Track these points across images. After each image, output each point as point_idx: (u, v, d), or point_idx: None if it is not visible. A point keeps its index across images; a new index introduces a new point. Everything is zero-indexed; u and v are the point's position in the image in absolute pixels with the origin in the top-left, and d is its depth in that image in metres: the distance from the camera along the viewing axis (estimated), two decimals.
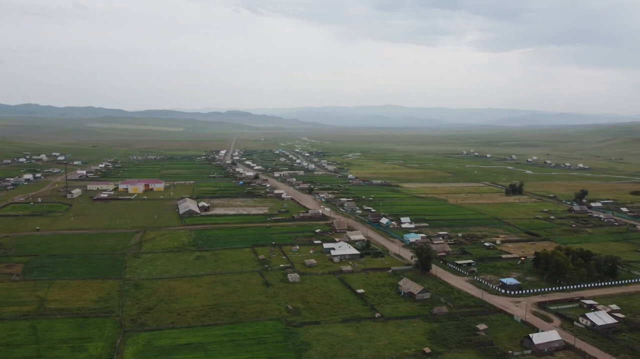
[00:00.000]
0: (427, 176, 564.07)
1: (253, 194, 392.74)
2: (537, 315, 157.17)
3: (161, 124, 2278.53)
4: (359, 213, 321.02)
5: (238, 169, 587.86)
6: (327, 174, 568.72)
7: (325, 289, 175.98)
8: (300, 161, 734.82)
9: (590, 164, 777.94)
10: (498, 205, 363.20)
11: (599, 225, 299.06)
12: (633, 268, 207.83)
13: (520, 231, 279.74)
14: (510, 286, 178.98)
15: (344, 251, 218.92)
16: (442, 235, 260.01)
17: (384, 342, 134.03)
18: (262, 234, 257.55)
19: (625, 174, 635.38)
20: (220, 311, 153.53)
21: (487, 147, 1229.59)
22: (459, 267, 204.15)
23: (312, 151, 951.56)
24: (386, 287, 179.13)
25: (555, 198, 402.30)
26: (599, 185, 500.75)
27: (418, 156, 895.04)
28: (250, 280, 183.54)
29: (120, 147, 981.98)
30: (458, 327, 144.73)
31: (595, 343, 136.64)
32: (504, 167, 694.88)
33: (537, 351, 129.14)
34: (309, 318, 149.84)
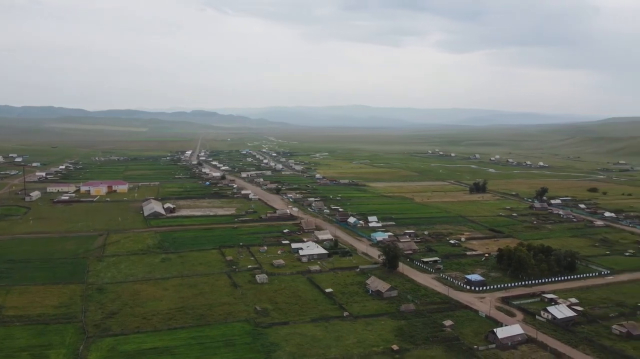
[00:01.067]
0: (394, 175, 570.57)
1: (220, 195, 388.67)
2: (501, 310, 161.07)
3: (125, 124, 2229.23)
4: (327, 213, 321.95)
5: (204, 170, 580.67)
6: (294, 174, 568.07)
7: (294, 289, 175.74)
8: (268, 161, 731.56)
9: (550, 162, 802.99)
10: (462, 203, 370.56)
11: (559, 221, 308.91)
12: (591, 262, 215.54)
13: (484, 228, 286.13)
14: (475, 282, 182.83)
15: (312, 251, 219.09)
16: (409, 233, 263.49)
17: (353, 340, 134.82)
18: (229, 235, 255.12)
19: (582, 171, 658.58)
20: (187, 313, 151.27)
21: (451, 146, 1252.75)
22: (426, 264, 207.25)
23: (279, 151, 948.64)
24: (354, 286, 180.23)
25: (517, 196, 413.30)
26: (558, 182, 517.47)
27: (384, 155, 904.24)
28: (218, 282, 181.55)
29: (81, 148, 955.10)
30: (425, 324, 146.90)
31: (556, 336, 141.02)
32: (467, 166, 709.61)
33: (501, 345, 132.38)
34: (277, 318, 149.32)
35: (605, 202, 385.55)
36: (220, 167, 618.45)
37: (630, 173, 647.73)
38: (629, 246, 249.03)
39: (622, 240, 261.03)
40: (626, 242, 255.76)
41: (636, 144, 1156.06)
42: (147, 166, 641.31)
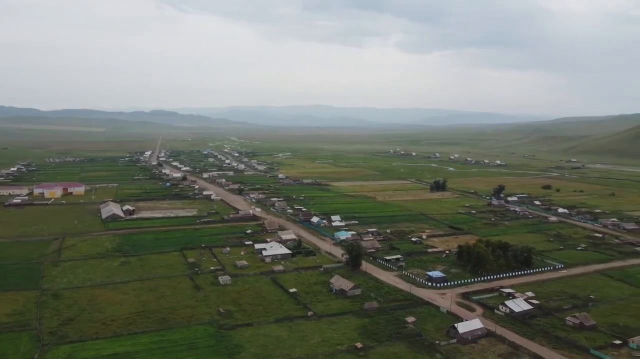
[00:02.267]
0: (356, 174, 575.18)
1: (181, 196, 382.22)
2: (461, 305, 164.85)
3: (80, 124, 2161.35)
4: (290, 213, 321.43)
5: (165, 171, 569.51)
6: (257, 174, 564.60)
7: (258, 290, 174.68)
8: (230, 161, 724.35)
9: (507, 160, 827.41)
10: (423, 201, 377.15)
11: (515, 218, 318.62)
12: (546, 257, 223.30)
13: (444, 225, 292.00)
14: (436, 279, 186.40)
15: (276, 251, 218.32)
16: (372, 232, 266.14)
17: (317, 340, 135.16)
18: (191, 236, 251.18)
19: (537, 169, 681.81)
20: (148, 318, 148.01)
21: (412, 146, 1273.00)
22: (388, 262, 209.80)
23: (241, 151, 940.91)
24: (318, 285, 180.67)
25: (475, 193, 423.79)
26: (515, 180, 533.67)
27: (347, 155, 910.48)
28: (180, 284, 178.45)
29: (35, 149, 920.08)
30: (388, 321, 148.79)
31: (514, 329, 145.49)
32: (428, 165, 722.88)
33: (462, 340, 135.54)
34: (241, 319, 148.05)
35: (558, 198, 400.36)
36: (181, 168, 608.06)
37: (582, 171, 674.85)
38: (580, 240, 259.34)
39: (575, 235, 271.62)
40: (578, 237, 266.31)
41: (587, 142, 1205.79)
42: (105, 167, 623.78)
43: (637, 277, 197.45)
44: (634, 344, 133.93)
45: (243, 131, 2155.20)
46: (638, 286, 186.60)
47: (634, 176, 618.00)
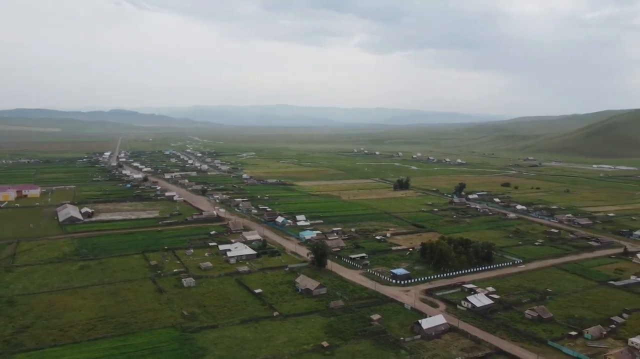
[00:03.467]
0: (321, 174, 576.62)
1: (142, 197, 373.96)
2: (425, 302, 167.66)
3: (35, 124, 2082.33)
4: (255, 213, 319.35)
5: (125, 172, 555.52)
6: (221, 175, 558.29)
7: (222, 291, 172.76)
8: (193, 162, 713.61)
9: (467, 159, 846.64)
10: (387, 200, 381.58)
11: (476, 215, 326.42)
12: (505, 253, 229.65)
13: (408, 223, 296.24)
14: (400, 276, 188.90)
15: (241, 252, 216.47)
16: (337, 231, 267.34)
17: (283, 340, 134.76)
18: (153, 238, 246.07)
19: (496, 167, 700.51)
20: (109, 323, 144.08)
21: (376, 145, 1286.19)
22: (353, 261, 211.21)
23: (204, 151, 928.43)
24: (284, 285, 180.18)
25: (437, 192, 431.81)
26: (475, 178, 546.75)
27: (311, 154, 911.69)
28: (142, 288, 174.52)
29: None
30: (354, 319, 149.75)
31: (475, 323, 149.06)
32: (391, 164, 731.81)
33: (426, 335, 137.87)
34: (205, 322, 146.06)
35: (517, 196, 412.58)
36: (142, 169, 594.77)
37: (539, 168, 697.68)
38: (538, 236, 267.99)
39: (532, 231, 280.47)
40: (536, 233, 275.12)
41: (543, 141, 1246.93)
42: (62, 168, 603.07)
43: (591, 270, 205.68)
44: (589, 335, 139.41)
45: (206, 130, 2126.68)
46: (592, 278, 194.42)
47: (587, 173, 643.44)
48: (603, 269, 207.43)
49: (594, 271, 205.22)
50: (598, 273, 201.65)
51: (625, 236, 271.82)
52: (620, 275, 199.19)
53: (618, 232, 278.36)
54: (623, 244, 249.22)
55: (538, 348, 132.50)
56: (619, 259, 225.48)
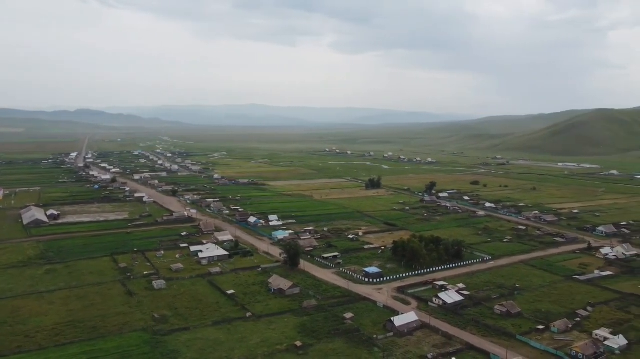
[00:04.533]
0: (293, 173, 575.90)
1: (111, 199, 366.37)
2: (397, 299, 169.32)
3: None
4: (227, 213, 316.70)
5: (92, 173, 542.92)
6: (192, 175, 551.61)
7: (194, 293, 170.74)
8: (163, 162, 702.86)
9: (437, 158, 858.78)
10: (359, 199, 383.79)
11: (446, 213, 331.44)
12: (475, 250, 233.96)
13: (380, 222, 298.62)
14: (373, 275, 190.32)
15: (212, 253, 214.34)
16: (309, 230, 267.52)
17: (256, 341, 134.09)
18: (122, 241, 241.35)
19: (465, 166, 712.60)
20: (77, 327, 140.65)
21: (347, 144, 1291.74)
22: (326, 260, 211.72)
23: (175, 151, 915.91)
24: (256, 286, 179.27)
25: (409, 190, 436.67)
26: (445, 177, 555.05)
27: (283, 154, 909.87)
28: (111, 291, 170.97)
29: None
30: (327, 318, 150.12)
31: (446, 320, 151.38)
32: (363, 163, 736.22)
33: (398, 333, 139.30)
34: (177, 324, 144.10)
35: (485, 194, 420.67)
36: (111, 170, 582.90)
37: (506, 167, 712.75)
38: (506, 233, 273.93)
39: (501, 228, 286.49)
40: (504, 230, 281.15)
41: (510, 140, 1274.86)
42: (26, 170, 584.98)
43: (557, 265, 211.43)
44: (555, 329, 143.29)
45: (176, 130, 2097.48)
46: (558, 273, 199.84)
47: (552, 171, 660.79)
48: (568, 264, 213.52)
49: (559, 266, 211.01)
50: (564, 268, 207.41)
51: (589, 231, 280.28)
52: (584, 270, 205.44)
53: (582, 228, 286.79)
54: (587, 239, 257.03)
55: (507, 343, 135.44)
56: (583, 254, 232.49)
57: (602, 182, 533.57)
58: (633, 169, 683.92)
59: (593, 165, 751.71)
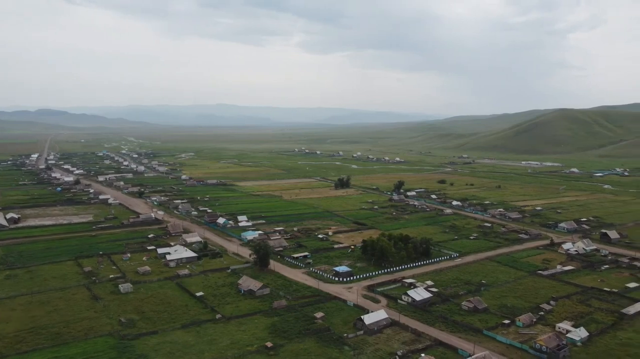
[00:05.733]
0: (262, 173, 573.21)
1: (74, 201, 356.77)
2: (367, 298, 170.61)
3: None
4: (195, 214, 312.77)
5: (55, 174, 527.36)
6: (159, 176, 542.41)
7: (162, 296, 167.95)
8: (128, 163, 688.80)
9: (405, 157, 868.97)
10: (329, 198, 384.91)
11: (414, 211, 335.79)
12: (442, 247, 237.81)
13: (349, 221, 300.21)
14: (343, 274, 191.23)
15: (180, 255, 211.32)
16: (279, 230, 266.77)
17: (226, 342, 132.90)
18: (87, 244, 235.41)
19: (433, 165, 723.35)
20: (40, 334, 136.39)
21: (316, 144, 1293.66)
22: (296, 260, 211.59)
23: (141, 152, 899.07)
24: (226, 287, 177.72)
25: (377, 189, 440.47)
26: (413, 176, 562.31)
27: (252, 154, 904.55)
28: (75, 296, 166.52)
29: None
30: (297, 318, 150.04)
31: (415, 316, 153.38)
32: (332, 163, 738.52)
33: (368, 331, 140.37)
34: (145, 328, 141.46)
35: (452, 192, 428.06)
36: (74, 171, 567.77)
37: (472, 166, 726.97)
38: (472, 230, 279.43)
39: (467, 225, 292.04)
40: (470, 227, 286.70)
41: (476, 139, 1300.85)
42: None
43: (521, 261, 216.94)
44: (520, 323, 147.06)
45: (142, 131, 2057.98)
46: (522, 269, 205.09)
47: (516, 169, 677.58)
48: (532, 260, 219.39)
49: (523, 262, 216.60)
50: (528, 264, 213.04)
51: (551, 228, 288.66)
52: (547, 265, 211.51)
53: (545, 225, 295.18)
54: (549, 235, 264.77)
55: (474, 338, 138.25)
56: (546, 250, 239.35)
57: (564, 180, 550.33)
58: (592, 167, 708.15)
59: (555, 163, 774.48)
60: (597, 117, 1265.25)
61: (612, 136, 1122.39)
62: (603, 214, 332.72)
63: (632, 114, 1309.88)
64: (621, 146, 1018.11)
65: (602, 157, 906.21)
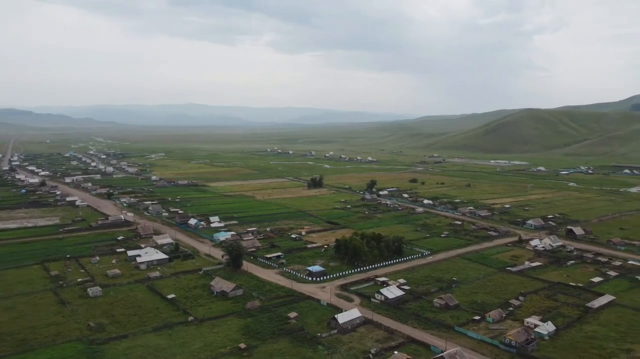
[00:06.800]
0: (234, 174, 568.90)
1: (40, 204, 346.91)
2: (341, 297, 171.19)
3: None
4: (166, 216, 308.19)
5: (19, 176, 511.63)
6: (128, 177, 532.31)
7: (132, 299, 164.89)
8: (97, 164, 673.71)
9: (377, 157, 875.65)
10: (301, 198, 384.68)
11: (387, 210, 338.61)
12: (414, 245, 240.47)
13: (322, 221, 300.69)
14: (316, 273, 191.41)
15: (151, 257, 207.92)
16: (252, 231, 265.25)
17: (199, 345, 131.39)
18: (54, 247, 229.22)
19: (404, 164, 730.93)
20: (5, 341, 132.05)
21: (289, 144, 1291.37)
22: (269, 260, 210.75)
23: (109, 153, 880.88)
24: (198, 289, 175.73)
25: (350, 189, 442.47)
26: (385, 175, 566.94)
27: (224, 154, 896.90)
28: (42, 301, 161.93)
29: None
30: (271, 318, 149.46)
31: (389, 314, 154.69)
32: (305, 163, 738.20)
33: (342, 330, 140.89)
34: (115, 332, 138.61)
35: (423, 191, 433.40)
36: (39, 173, 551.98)
37: (443, 165, 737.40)
38: (443, 228, 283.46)
39: (438, 224, 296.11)
40: (441, 226, 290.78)
41: (446, 139, 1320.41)
42: None
43: (491, 258, 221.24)
44: (490, 318, 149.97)
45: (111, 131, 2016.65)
46: (491, 266, 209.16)
47: (485, 168, 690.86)
48: (501, 257, 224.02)
49: (493, 258, 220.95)
50: (497, 261, 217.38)
51: (519, 225, 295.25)
52: (516, 261, 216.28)
53: (513, 222, 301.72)
54: (518, 232, 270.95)
55: (446, 334, 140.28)
56: (515, 246, 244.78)
57: (531, 178, 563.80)
58: (558, 165, 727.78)
59: (522, 162, 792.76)
60: (562, 116, 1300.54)
61: (577, 135, 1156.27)
62: (568, 211, 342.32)
63: (595, 114, 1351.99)
64: (585, 145, 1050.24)
65: (567, 156, 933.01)
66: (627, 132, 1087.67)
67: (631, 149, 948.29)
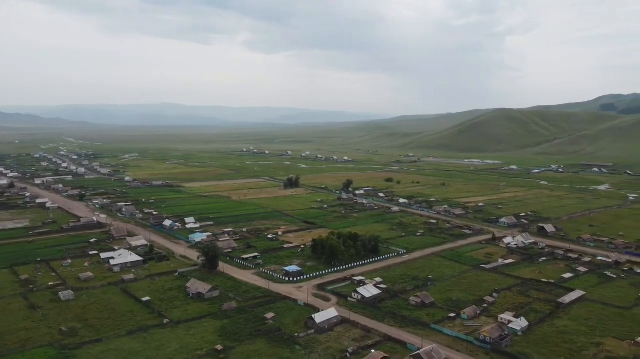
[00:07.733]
0: (209, 174, 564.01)
1: (8, 206, 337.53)
2: (318, 296, 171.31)
3: None
4: (140, 217, 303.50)
5: None
6: (100, 178, 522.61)
7: (106, 302, 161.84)
8: (68, 165, 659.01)
9: (353, 156, 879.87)
10: (278, 198, 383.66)
11: (363, 210, 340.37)
12: (391, 244, 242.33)
13: (299, 221, 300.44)
14: (293, 273, 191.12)
15: (125, 259, 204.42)
16: (228, 232, 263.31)
17: (175, 347, 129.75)
18: (23, 250, 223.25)
19: (380, 164, 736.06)
20: None
21: (265, 144, 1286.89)
22: (245, 261, 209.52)
23: (81, 153, 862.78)
24: (174, 291, 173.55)
25: (326, 189, 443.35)
26: (361, 175, 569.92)
27: (199, 154, 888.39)
28: (11, 306, 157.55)
29: None
30: (248, 319, 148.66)
31: (365, 313, 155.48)
32: (281, 163, 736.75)
33: (319, 329, 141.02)
34: (88, 336, 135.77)
35: (399, 190, 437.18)
36: (8, 174, 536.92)
37: (418, 164, 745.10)
38: (419, 227, 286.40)
39: (414, 222, 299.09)
40: (417, 224, 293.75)
41: (421, 138, 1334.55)
42: None
43: (465, 256, 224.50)
44: (465, 315, 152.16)
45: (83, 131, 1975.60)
46: (466, 263, 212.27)
47: (459, 167, 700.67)
48: (475, 255, 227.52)
49: (467, 256, 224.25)
50: (471, 258, 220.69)
51: (493, 223, 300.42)
52: (489, 259, 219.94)
53: (487, 220, 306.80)
54: (491, 230, 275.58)
55: (422, 332, 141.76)
56: (489, 244, 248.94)
57: (504, 177, 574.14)
58: (530, 164, 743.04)
59: (495, 161, 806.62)
60: (533, 116, 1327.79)
61: (548, 135, 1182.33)
62: (540, 208, 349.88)
63: (565, 114, 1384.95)
64: (556, 144, 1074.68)
65: (539, 155, 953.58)
66: (595, 131, 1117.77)
67: (599, 148, 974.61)
